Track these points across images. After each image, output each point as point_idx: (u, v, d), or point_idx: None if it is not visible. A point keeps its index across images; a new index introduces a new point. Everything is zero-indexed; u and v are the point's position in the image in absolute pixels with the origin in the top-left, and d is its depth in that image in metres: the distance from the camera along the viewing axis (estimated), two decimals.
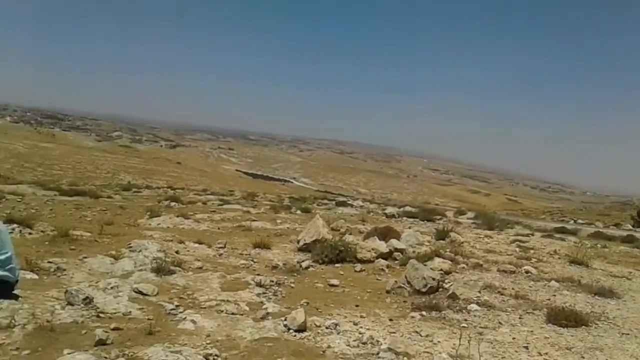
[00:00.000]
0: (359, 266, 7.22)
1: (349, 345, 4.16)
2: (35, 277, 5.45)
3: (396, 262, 7.74)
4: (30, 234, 7.75)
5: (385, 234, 9.22)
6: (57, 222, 8.98)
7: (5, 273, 4.18)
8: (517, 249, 9.90)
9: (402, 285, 6.14)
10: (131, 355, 3.46)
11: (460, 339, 3.93)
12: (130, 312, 4.41)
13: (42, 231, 7.97)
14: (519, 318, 5.29)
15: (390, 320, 5.03)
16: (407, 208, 17.68)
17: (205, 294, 5.35)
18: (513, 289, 6.50)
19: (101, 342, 3.59)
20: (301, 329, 4.39)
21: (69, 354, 3.36)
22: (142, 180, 60.67)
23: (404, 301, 5.76)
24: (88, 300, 4.40)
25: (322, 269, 7.14)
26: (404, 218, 15.07)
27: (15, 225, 7.68)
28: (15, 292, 4.36)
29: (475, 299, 5.86)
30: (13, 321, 3.74)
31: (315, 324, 4.58)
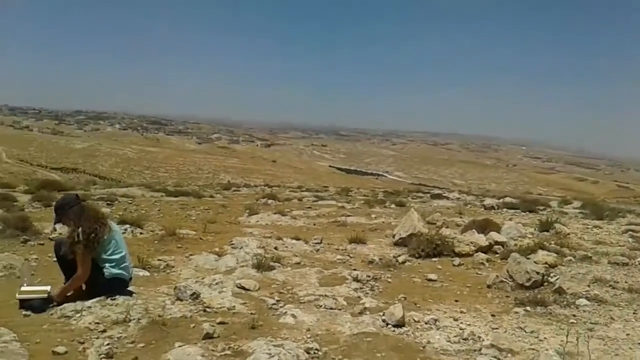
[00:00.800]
0: (457, 260, 7.05)
1: (449, 341, 4.08)
2: (147, 274, 5.83)
3: (497, 255, 7.48)
4: (141, 233, 8.30)
5: (484, 227, 8.93)
6: (165, 221, 9.54)
7: (120, 271, 4.52)
8: (630, 240, 9.21)
9: (504, 280, 5.92)
10: (236, 349, 3.60)
11: (568, 335, 3.73)
12: (234, 306, 4.59)
13: (151, 231, 8.50)
14: (633, 313, 4.93)
15: (492, 315, 4.87)
16: (507, 199, 16.96)
17: (304, 289, 5.46)
18: (626, 282, 6.06)
19: (208, 336, 3.77)
20: (400, 324, 4.37)
21: (179, 346, 3.57)
22: (241, 179, 62.93)
23: (507, 296, 5.56)
24: (195, 296, 4.64)
25: (419, 263, 7.05)
26: (504, 209, 14.49)
27: (127, 226, 8.24)
28: (129, 288, 4.71)
29: (584, 293, 5.53)
30: (128, 316, 4.02)
31: (414, 319, 4.54)
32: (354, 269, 6.49)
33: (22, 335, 3.55)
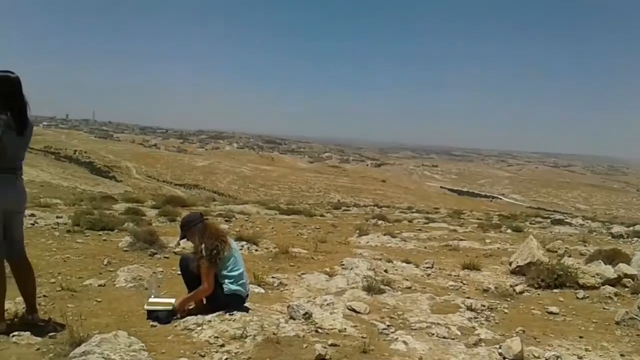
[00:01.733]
0: (581, 293, 6.56)
1: None
2: (262, 291, 6.03)
3: (626, 289, 6.87)
4: (256, 250, 8.62)
5: (612, 257, 8.26)
6: (278, 239, 9.84)
7: (238, 287, 4.71)
8: None
9: (635, 317, 5.43)
10: None
11: None
12: (345, 328, 4.61)
13: (266, 248, 8.81)
14: None
15: (622, 355, 4.48)
16: (638, 227, 15.62)
17: (415, 315, 5.36)
18: None
19: (321, 357, 3.81)
20: (517, 359, 4.14)
21: None
22: (350, 198, 63.43)
23: (638, 335, 5.09)
24: (307, 316, 4.72)
25: (538, 294, 6.66)
26: (634, 239, 13.34)
27: (244, 243, 8.60)
28: (246, 304, 4.89)
29: None
30: (245, 332, 4.17)
31: (533, 355, 4.29)
32: (468, 297, 6.28)
33: (149, 344, 3.80)
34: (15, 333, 3.98)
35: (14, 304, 4.53)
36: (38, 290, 4.57)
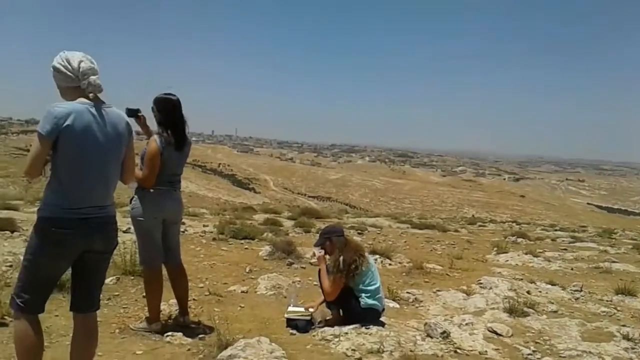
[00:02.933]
0: None
1: None
2: (397, 306, 5.97)
3: None
4: (390, 264, 8.56)
5: None
6: (411, 254, 9.69)
7: (374, 302, 4.70)
8: None
9: None
10: None
11: None
12: (486, 351, 4.41)
13: (399, 262, 8.72)
14: None
15: None
16: None
17: (563, 341, 4.97)
18: None
19: None
20: None
21: None
22: (486, 213, 60.92)
23: None
24: (445, 335, 4.58)
25: None
26: None
27: (377, 256, 8.59)
28: (381, 319, 4.86)
29: None
30: (382, 347, 4.14)
31: None
32: (623, 325, 5.69)
33: (289, 352, 3.92)
34: (169, 333, 4.32)
35: (168, 305, 4.92)
36: (189, 294, 4.91)
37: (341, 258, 4.68)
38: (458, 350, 4.36)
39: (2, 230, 8.88)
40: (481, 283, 7.30)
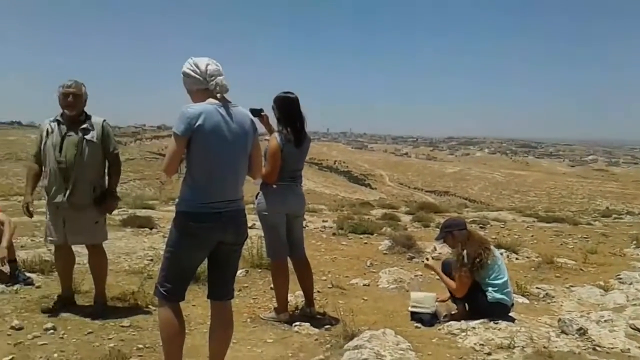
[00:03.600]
0: None
1: None
2: (526, 301, 5.69)
3: None
4: (516, 259, 8.18)
5: None
6: (539, 248, 9.19)
7: (502, 296, 4.52)
8: None
9: None
10: None
11: None
12: (628, 349, 4.06)
13: (527, 257, 8.30)
14: None
15: None
16: None
17: None
18: None
19: None
20: None
21: None
22: (622, 205, 56.18)
23: None
24: (582, 331, 4.28)
25: None
26: None
27: (502, 250, 8.23)
28: (510, 314, 4.66)
29: None
30: (512, 342, 3.97)
31: None
32: None
33: (414, 345, 3.89)
34: (297, 323, 4.47)
35: (294, 297, 5.09)
36: (313, 287, 5.04)
37: (465, 252, 4.55)
38: (597, 348, 4.06)
39: (142, 227, 9.70)
40: (620, 278, 6.76)
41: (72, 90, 4.30)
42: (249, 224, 3.28)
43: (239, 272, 5.75)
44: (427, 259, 5.19)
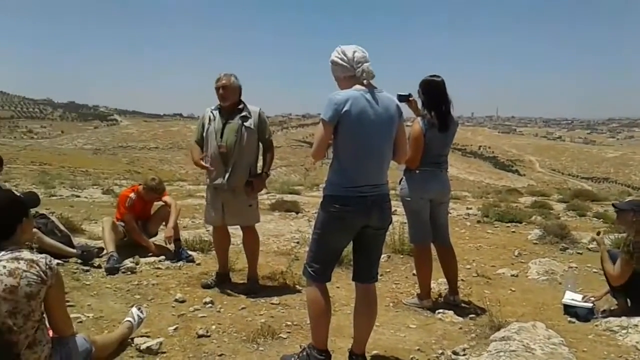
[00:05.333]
0: None
1: None
2: None
3: None
4: None
5: None
6: None
7: None
8: None
9: None
10: None
11: None
12: None
13: None
14: None
15: None
16: None
17: None
18: None
19: None
20: None
21: None
22: None
23: None
24: None
25: None
26: None
27: None
28: None
29: None
30: None
31: None
32: None
33: (568, 340, 3.65)
34: (440, 310, 4.42)
35: (437, 284, 5.03)
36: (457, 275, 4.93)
37: (631, 238, 4.12)
38: None
39: (288, 211, 10.17)
40: None
41: (222, 82, 4.63)
42: (393, 210, 3.29)
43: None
44: (599, 233, 4.74)
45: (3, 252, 2.52)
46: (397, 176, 4.67)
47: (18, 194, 3.00)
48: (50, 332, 2.77)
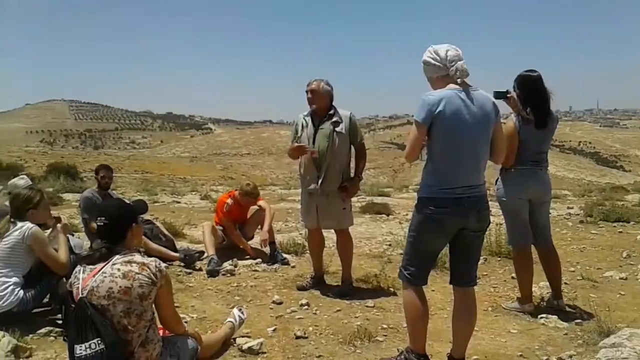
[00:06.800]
0: None
1: None
2: None
3: None
4: None
5: None
6: None
7: None
8: None
9: None
10: None
11: None
12: None
13: None
14: None
15: None
16: None
17: None
18: None
19: None
20: None
21: None
22: None
23: None
24: None
25: None
26: None
27: None
28: None
29: None
30: None
31: None
32: None
33: None
34: (543, 315, 4.23)
35: (539, 288, 4.81)
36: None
37: None
38: None
39: (379, 214, 10.15)
40: None
41: (311, 87, 4.72)
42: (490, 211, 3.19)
43: None
44: None
45: (117, 256, 2.71)
46: (493, 176, 4.53)
47: (128, 202, 3.22)
48: (161, 332, 2.95)
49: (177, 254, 5.95)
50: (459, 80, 2.93)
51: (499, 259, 6.12)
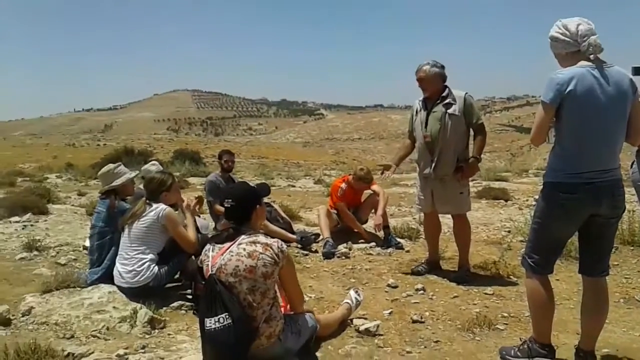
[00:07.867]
0: None
1: None
2: None
3: None
4: None
5: None
6: None
7: None
8: None
9: None
10: None
11: None
12: None
13: None
14: None
15: None
16: None
17: None
18: None
19: None
20: None
21: None
22: None
23: None
24: None
25: None
26: None
27: None
28: None
29: None
30: None
31: None
32: None
33: None
34: None
35: None
36: None
37: None
38: None
39: (497, 199, 9.79)
40: None
41: (420, 75, 4.61)
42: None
43: None
44: None
45: (243, 236, 2.86)
46: (629, 159, 4.18)
47: (252, 185, 3.37)
48: (282, 309, 3.07)
49: (294, 236, 6.15)
50: (591, 56, 2.72)
51: (631, 248, 5.66)
